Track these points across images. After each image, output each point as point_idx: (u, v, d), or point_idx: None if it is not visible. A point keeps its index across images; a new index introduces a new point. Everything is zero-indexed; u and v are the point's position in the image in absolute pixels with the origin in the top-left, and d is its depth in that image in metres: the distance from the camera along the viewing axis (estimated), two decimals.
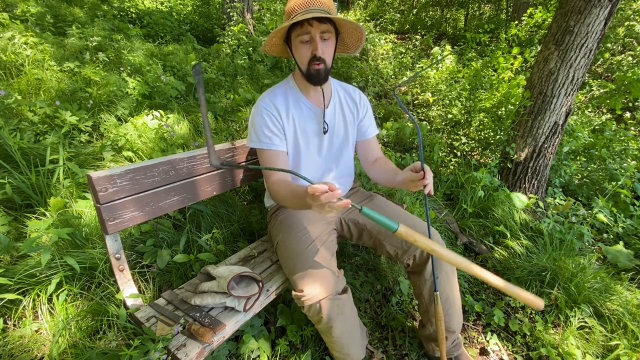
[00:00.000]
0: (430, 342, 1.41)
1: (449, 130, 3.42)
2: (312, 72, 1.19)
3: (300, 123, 1.30)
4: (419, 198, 2.32)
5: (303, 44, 1.17)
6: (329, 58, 1.20)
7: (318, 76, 1.20)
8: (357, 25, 1.18)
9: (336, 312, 1.12)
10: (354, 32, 1.24)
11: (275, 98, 1.28)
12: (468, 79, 3.42)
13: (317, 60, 1.16)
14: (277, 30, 1.15)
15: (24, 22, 3.54)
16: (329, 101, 1.36)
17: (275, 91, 1.31)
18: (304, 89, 1.31)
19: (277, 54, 1.34)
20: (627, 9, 6.69)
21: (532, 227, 2.24)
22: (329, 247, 1.25)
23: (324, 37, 1.16)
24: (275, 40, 1.23)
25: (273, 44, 1.25)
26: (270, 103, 1.27)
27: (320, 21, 1.12)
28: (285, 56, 1.35)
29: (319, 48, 1.15)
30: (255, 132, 1.26)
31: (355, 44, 1.30)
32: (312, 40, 1.15)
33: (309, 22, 1.12)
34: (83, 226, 1.57)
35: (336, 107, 1.38)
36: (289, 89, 1.32)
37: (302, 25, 1.13)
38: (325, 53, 1.18)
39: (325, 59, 1.18)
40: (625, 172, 2.74)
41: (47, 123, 2.22)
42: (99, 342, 1.24)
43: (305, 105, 1.31)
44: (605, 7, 2.08)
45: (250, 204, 2.08)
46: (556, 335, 1.61)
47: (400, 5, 10.97)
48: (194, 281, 1.24)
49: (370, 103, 1.64)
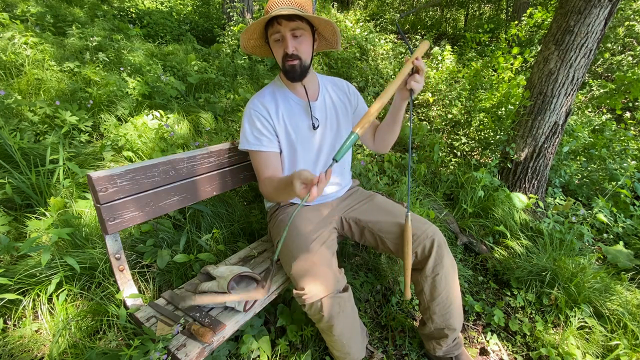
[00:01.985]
0: (431, 340, 1.41)
1: (449, 130, 3.42)
2: (287, 69, 1.23)
3: (291, 119, 1.32)
4: (419, 198, 2.32)
5: (276, 42, 1.21)
6: (305, 54, 1.23)
7: (293, 72, 1.23)
8: (326, 20, 1.20)
9: (337, 310, 1.12)
10: (326, 26, 1.25)
11: (264, 98, 1.31)
12: (468, 79, 3.42)
13: (289, 57, 1.20)
14: (250, 29, 1.19)
15: (24, 22, 3.54)
16: (317, 96, 1.39)
17: (264, 92, 1.35)
18: (289, 85, 1.35)
19: (263, 55, 1.38)
20: (627, 9, 6.69)
21: (532, 227, 2.24)
22: (329, 246, 1.25)
23: (295, 34, 1.19)
24: (254, 42, 1.28)
25: (254, 45, 1.30)
26: (258, 104, 1.30)
27: (289, 19, 1.15)
28: (269, 56, 1.38)
29: (289, 45, 1.18)
30: (244, 135, 1.30)
31: (333, 38, 1.33)
32: (283, 39, 1.19)
33: (278, 20, 1.15)
34: (83, 226, 1.57)
35: (326, 101, 1.40)
36: (277, 87, 1.36)
37: (273, 25, 1.18)
38: (299, 50, 1.20)
39: (299, 55, 1.21)
40: (625, 172, 2.74)
41: (47, 123, 2.22)
42: (99, 342, 1.24)
43: (293, 100, 1.34)
44: (605, 7, 2.08)
45: (250, 204, 2.08)
46: (556, 335, 1.61)
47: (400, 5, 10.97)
48: (194, 281, 1.24)
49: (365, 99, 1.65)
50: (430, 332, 1.38)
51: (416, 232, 1.30)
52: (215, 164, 1.44)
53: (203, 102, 3.11)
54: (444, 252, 1.28)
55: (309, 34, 1.23)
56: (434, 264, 1.27)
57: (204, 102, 3.11)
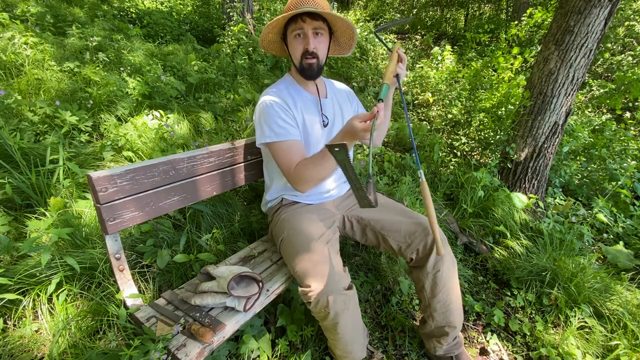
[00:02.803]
0: (431, 339, 1.41)
1: (449, 130, 3.42)
2: (305, 66, 1.26)
3: (306, 112, 1.33)
4: (419, 198, 2.32)
5: (296, 38, 1.23)
6: (322, 54, 1.26)
7: (311, 70, 1.26)
8: (349, 23, 1.24)
9: (342, 307, 1.13)
10: (345, 30, 1.29)
11: (280, 92, 1.31)
12: (468, 79, 3.42)
13: (309, 55, 1.23)
14: (272, 23, 1.20)
15: (24, 22, 3.54)
16: (326, 94, 1.42)
17: (278, 86, 1.35)
18: (302, 82, 1.36)
19: (275, 52, 1.38)
20: (627, 9, 6.69)
21: (532, 227, 2.24)
22: (333, 244, 1.26)
23: (316, 32, 1.22)
24: (272, 37, 1.29)
25: (270, 40, 1.30)
26: (276, 96, 1.29)
27: (313, 18, 1.19)
28: (282, 55, 1.39)
29: (310, 42, 1.21)
30: (269, 126, 1.23)
31: (348, 43, 1.37)
32: (305, 36, 1.21)
33: (302, 17, 1.18)
34: (83, 226, 1.57)
35: (333, 100, 1.43)
36: (289, 83, 1.37)
37: (296, 21, 1.20)
38: (317, 49, 1.23)
39: (317, 54, 1.24)
40: (625, 172, 2.74)
41: (47, 123, 2.22)
42: (99, 342, 1.24)
43: (306, 96, 1.36)
44: (605, 7, 2.08)
45: (250, 204, 2.08)
46: (556, 335, 1.61)
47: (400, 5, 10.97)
48: (194, 281, 1.24)
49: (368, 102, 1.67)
50: (431, 330, 1.38)
51: (417, 230, 1.31)
52: (215, 164, 1.44)
53: (203, 102, 3.11)
54: (445, 249, 1.29)
55: (327, 36, 1.27)
56: (435, 260, 1.28)
57: (204, 102, 3.11)
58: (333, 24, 1.28)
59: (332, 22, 1.26)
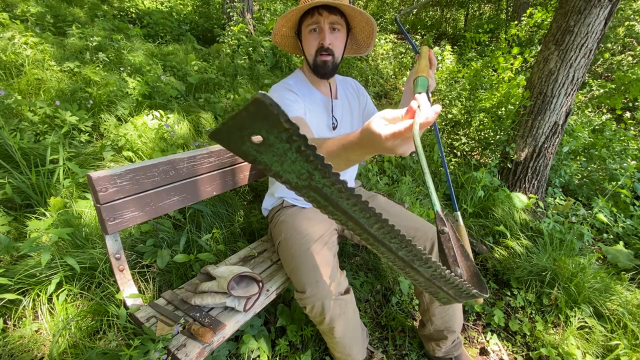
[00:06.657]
0: (430, 341, 1.41)
1: (449, 130, 3.42)
2: (319, 63, 1.17)
3: (311, 115, 1.27)
4: (419, 198, 2.32)
5: (311, 33, 1.15)
6: (338, 51, 1.18)
7: (325, 68, 1.17)
8: (368, 17, 1.15)
9: (338, 312, 1.12)
10: (365, 26, 1.20)
11: (290, 86, 1.25)
12: (468, 79, 3.42)
13: (324, 51, 1.14)
14: (286, 16, 1.12)
15: (24, 22, 3.54)
16: (337, 94, 1.34)
17: (288, 81, 1.29)
18: (314, 81, 1.30)
19: (287, 49, 1.31)
20: (627, 9, 6.69)
21: (532, 227, 2.24)
22: (331, 247, 1.24)
23: (333, 27, 1.14)
24: (285, 31, 1.21)
25: (283, 35, 1.22)
26: (286, 87, 1.23)
27: (330, 11, 1.10)
28: (294, 51, 1.33)
29: (326, 38, 1.13)
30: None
31: (366, 41, 1.27)
32: (321, 30, 1.13)
33: (319, 10, 1.10)
34: (83, 226, 1.57)
35: (343, 101, 1.37)
36: (299, 80, 1.30)
37: (312, 15, 1.12)
38: (334, 45, 1.15)
39: (333, 51, 1.15)
40: (625, 172, 2.74)
41: (47, 123, 2.22)
42: (99, 342, 1.23)
43: (316, 96, 1.29)
44: (605, 7, 2.08)
45: (250, 204, 2.08)
46: (556, 335, 1.61)
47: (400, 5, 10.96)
48: (194, 281, 1.24)
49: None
50: (430, 333, 1.38)
51: (416, 234, 1.29)
52: (216, 164, 1.44)
53: (203, 102, 3.11)
54: None
55: (344, 32, 1.19)
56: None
57: (204, 102, 3.11)
58: (352, 19, 1.19)
59: (350, 16, 1.17)
